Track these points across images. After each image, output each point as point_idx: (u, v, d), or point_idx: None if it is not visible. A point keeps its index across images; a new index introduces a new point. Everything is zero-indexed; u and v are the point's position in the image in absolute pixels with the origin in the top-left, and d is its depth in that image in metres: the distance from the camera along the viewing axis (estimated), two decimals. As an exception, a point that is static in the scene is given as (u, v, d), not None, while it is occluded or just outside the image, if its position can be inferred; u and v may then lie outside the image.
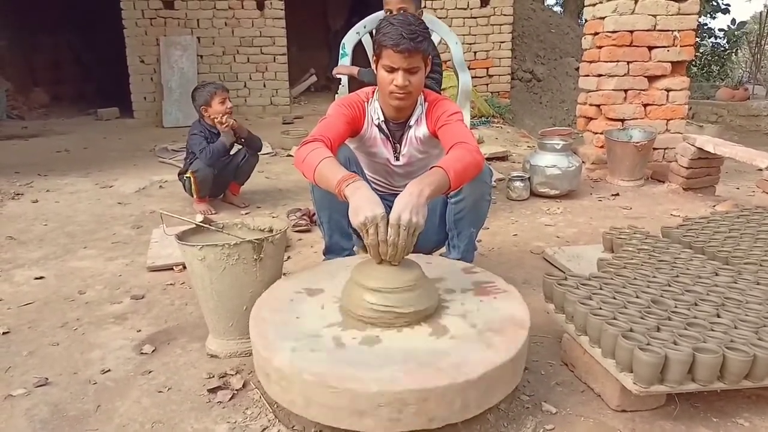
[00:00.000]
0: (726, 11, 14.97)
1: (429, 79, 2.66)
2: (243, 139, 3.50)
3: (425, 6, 7.29)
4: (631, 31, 4.16)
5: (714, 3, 15.26)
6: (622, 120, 4.32)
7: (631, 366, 1.40)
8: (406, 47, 1.79)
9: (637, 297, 1.70)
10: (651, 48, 4.20)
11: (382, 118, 2.06)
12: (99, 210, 3.58)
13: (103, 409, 1.55)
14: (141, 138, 6.28)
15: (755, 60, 14.14)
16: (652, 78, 4.27)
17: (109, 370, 1.75)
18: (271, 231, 1.91)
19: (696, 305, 1.67)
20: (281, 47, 7.78)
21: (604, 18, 4.26)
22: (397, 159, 2.15)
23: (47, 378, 1.70)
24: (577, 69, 5.70)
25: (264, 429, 1.46)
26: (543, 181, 3.73)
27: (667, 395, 1.49)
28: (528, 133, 6.89)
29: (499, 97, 8.06)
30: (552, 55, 9.49)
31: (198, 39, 7.50)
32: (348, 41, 3.69)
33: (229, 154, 3.48)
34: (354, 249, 2.22)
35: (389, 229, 1.46)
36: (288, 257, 2.67)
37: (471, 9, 7.85)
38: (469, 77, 3.80)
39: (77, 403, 1.58)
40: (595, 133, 4.49)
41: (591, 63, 4.46)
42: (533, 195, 3.77)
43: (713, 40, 15.48)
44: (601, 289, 1.75)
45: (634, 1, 4.12)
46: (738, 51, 15.96)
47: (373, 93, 2.08)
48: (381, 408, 1.26)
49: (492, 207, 2.32)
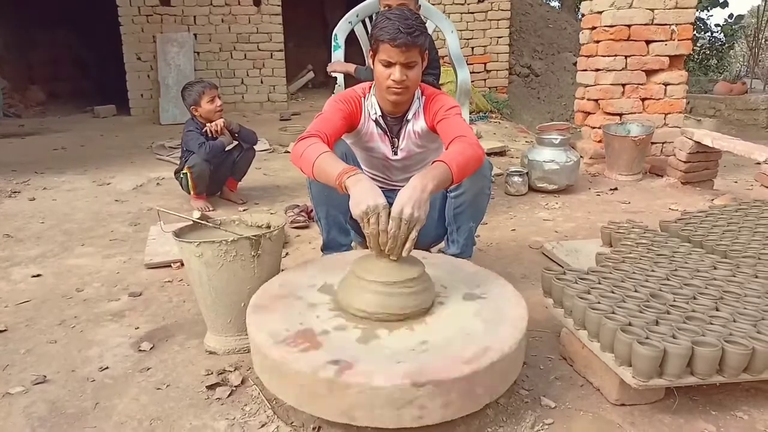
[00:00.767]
0: (725, 5, 14.93)
1: (428, 75, 2.64)
2: (236, 134, 3.48)
3: (423, 1, 7.26)
4: (629, 26, 4.15)
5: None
6: (620, 114, 4.32)
7: (630, 360, 1.40)
8: (403, 42, 1.78)
9: (636, 291, 1.70)
10: (649, 42, 4.19)
11: (379, 112, 2.05)
12: (96, 207, 3.57)
13: (102, 407, 1.55)
14: (138, 135, 6.26)
15: (753, 54, 14.15)
16: (649, 72, 4.27)
17: (107, 367, 1.75)
18: (269, 227, 1.91)
19: (695, 299, 1.67)
20: (278, 43, 7.75)
21: (601, 12, 4.25)
22: (395, 153, 2.15)
23: (45, 376, 1.69)
24: (575, 64, 5.69)
25: (263, 425, 1.45)
26: (541, 176, 3.73)
27: (666, 389, 1.49)
28: (526, 129, 6.88)
29: (497, 93, 8.05)
30: (549, 50, 9.48)
31: (195, 36, 7.47)
32: (340, 31, 3.48)
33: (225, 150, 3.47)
34: (352, 245, 2.22)
35: (390, 221, 1.46)
36: (286, 253, 2.67)
37: (468, 4, 7.84)
38: (468, 73, 3.71)
39: (75, 401, 1.58)
40: (593, 128, 4.49)
41: (589, 57, 4.45)
42: (531, 190, 3.77)
43: (710, 34, 15.47)
44: (600, 284, 1.75)
45: (631, -5, 4.12)
46: (735, 45, 15.96)
47: (370, 88, 2.08)
48: (379, 403, 1.26)
49: (490, 202, 2.31)
